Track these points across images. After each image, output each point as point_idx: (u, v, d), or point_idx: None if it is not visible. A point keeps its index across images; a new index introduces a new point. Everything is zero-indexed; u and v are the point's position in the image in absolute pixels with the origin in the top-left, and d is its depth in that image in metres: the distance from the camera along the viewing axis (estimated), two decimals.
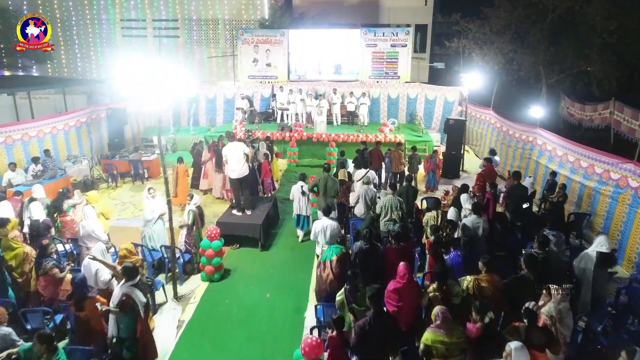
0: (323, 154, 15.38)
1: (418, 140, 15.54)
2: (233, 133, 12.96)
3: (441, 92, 18.41)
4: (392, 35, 18.50)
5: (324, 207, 7.01)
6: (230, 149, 8.30)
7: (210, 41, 21.37)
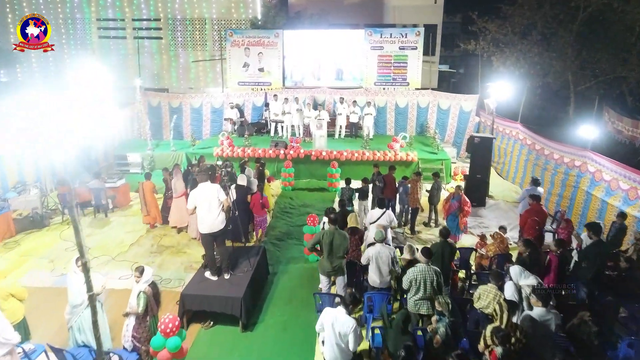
0: (323, 173, 13.25)
1: (433, 159, 13.41)
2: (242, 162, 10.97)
3: (456, 100, 16.29)
4: (400, 37, 16.38)
5: (346, 298, 4.60)
6: (200, 194, 6.14)
7: (197, 43, 19.22)
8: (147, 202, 9.81)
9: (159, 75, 19.73)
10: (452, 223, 8.86)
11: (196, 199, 6.15)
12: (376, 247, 5.91)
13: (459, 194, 8.95)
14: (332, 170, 12.39)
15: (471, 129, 16.08)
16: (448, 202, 9.08)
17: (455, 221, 8.86)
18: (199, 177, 6.29)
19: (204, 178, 6.24)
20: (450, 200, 9.03)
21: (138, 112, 16.37)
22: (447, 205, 9.10)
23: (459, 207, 8.81)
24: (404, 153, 13.29)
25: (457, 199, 8.89)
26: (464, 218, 8.85)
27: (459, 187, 9.08)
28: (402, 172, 13.27)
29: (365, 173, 13.47)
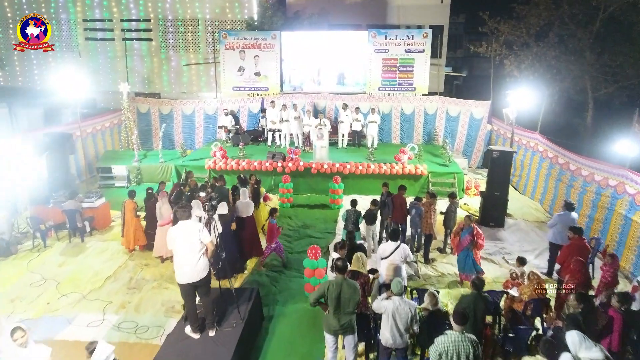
0: (324, 188, 12.17)
1: (444, 172, 12.31)
2: (244, 178, 9.85)
3: (466, 107, 15.21)
4: (406, 39, 15.28)
5: None
6: (178, 234, 5.02)
7: (189, 45, 18.10)
8: (126, 222, 8.72)
9: (149, 79, 18.60)
10: (464, 261, 7.48)
11: (174, 240, 5.04)
12: (394, 302, 4.80)
13: (470, 226, 7.46)
14: (334, 186, 11.29)
15: (482, 138, 15.02)
16: (458, 237, 7.59)
17: (468, 258, 7.48)
18: (179, 213, 5.17)
19: (184, 215, 5.12)
20: (461, 234, 7.53)
21: (126, 120, 15.23)
22: (457, 240, 7.60)
23: (472, 241, 7.41)
24: (413, 166, 12.20)
25: (469, 232, 7.43)
26: (478, 253, 7.52)
27: (470, 218, 7.59)
28: (410, 187, 12.18)
29: (370, 187, 12.46)
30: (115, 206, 11.21)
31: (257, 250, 8.63)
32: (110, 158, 13.82)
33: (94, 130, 14.21)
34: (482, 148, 15.11)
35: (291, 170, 12.25)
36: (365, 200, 12.17)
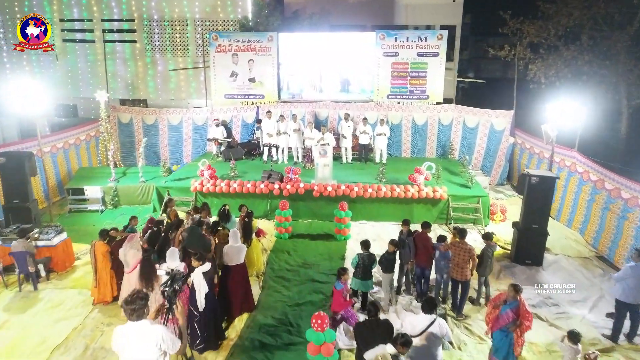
0: (328, 213, 10.56)
1: (466, 196, 10.67)
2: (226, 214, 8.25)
3: (485, 116, 13.58)
4: (418, 41, 13.64)
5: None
6: (126, 340, 3.37)
7: (177, 48, 16.42)
8: (97, 269, 7.05)
9: (133, 85, 16.91)
10: (500, 342, 5.45)
11: (121, 346, 3.38)
12: None
13: (515, 298, 5.34)
14: (340, 214, 9.62)
15: (504, 152, 13.40)
16: (496, 311, 5.47)
17: (506, 340, 5.39)
18: (126, 310, 3.48)
19: (138, 313, 3.45)
20: (501, 308, 5.41)
21: (104, 132, 13.56)
22: (495, 314, 5.49)
23: (515, 320, 5.35)
24: (430, 188, 10.55)
25: (513, 307, 5.35)
26: (521, 337, 5.42)
27: (516, 289, 5.35)
28: (427, 212, 10.64)
29: (382, 213, 10.80)
30: (84, 237, 9.60)
31: (248, 304, 6.99)
32: (83, 177, 12.13)
33: (66, 145, 12.51)
34: (503, 163, 13.51)
35: (290, 193, 10.61)
36: (376, 228, 10.61)
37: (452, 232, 8.00)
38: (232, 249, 6.61)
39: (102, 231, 7.14)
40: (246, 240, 7.91)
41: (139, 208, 11.54)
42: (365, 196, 10.52)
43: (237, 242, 6.69)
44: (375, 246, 9.38)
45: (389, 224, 10.63)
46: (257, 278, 8.10)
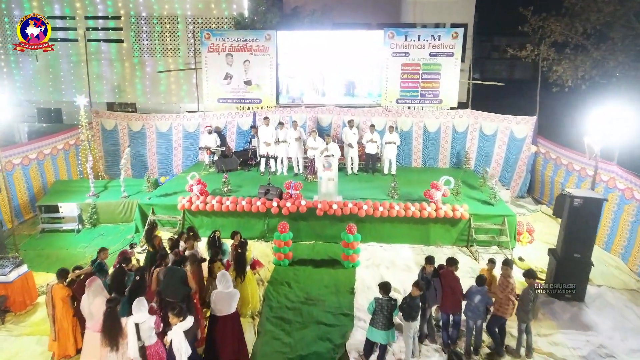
0: (333, 233, 9.38)
1: (490, 215, 9.42)
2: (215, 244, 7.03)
3: (504, 123, 12.36)
4: (431, 40, 12.41)
5: None
6: None
7: (167, 47, 15.15)
8: (56, 319, 5.78)
9: (120, 87, 15.64)
10: None
11: None
12: None
13: None
14: (348, 238, 8.37)
15: (525, 162, 12.16)
16: None
17: None
18: None
19: None
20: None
21: (86, 140, 12.30)
22: None
23: None
24: (449, 206, 9.31)
25: None
26: None
27: None
28: (445, 233, 9.40)
29: (394, 234, 9.54)
30: (54, 264, 8.33)
31: (241, 358, 5.73)
32: (58, 192, 10.84)
33: (40, 156, 11.24)
34: (524, 174, 12.27)
35: (290, 212, 9.37)
36: (388, 251, 9.35)
37: (487, 266, 6.75)
38: (221, 297, 5.35)
39: (61, 271, 5.85)
40: (239, 275, 6.68)
41: (121, 227, 10.29)
42: (376, 215, 9.28)
43: (228, 287, 5.42)
44: (389, 275, 8.21)
45: (402, 247, 9.41)
46: (252, 319, 6.85)
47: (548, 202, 11.69)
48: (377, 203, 9.36)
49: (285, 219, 9.36)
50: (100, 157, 13.37)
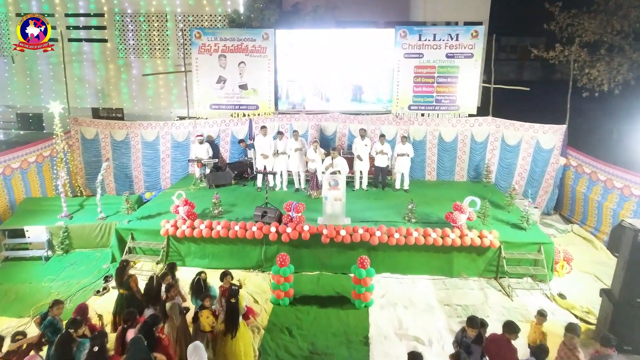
0: (341, 263, 8.13)
1: (523, 242, 8.10)
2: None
3: (530, 132, 11.09)
4: (448, 39, 11.12)
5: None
6: None
7: (155, 47, 13.84)
8: None
9: (104, 92, 14.33)
10: None
11: None
12: None
13: None
14: (360, 273, 7.05)
15: (552, 175, 10.89)
16: None
17: None
18: None
19: None
20: None
21: (61, 152, 10.98)
22: None
23: None
24: (476, 233, 8.00)
25: None
26: None
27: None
28: (471, 263, 8.12)
29: (411, 264, 8.19)
30: (14, 304, 7.14)
31: None
32: (26, 213, 9.51)
33: (7, 171, 9.90)
34: (551, 189, 11.00)
35: (291, 239, 8.06)
36: (404, 284, 8.04)
37: (534, 321, 5.45)
38: None
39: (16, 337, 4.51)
40: (230, 331, 5.36)
41: (97, 254, 8.98)
42: (391, 243, 7.97)
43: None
44: (409, 318, 6.93)
45: (421, 279, 8.12)
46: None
47: (580, 221, 10.40)
48: (392, 228, 8.05)
49: (285, 247, 8.11)
50: (80, 169, 12.08)
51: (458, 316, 6.99)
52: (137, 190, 12.26)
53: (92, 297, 7.42)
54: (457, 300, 7.46)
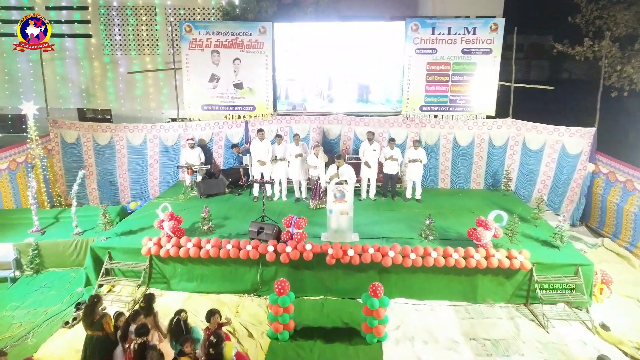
0: (348, 287, 7.16)
1: (558, 264, 7.05)
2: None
3: (554, 135, 10.08)
4: (464, 33, 10.10)
5: None
6: None
7: (144, 44, 12.79)
8: None
9: (88, 91, 13.27)
10: None
11: None
12: None
13: None
14: (373, 303, 5.99)
15: (579, 183, 9.88)
16: None
17: None
18: None
19: None
20: None
21: (37, 158, 9.98)
22: None
23: None
24: (504, 253, 6.96)
25: None
26: None
27: None
28: (498, 288, 7.09)
29: (429, 287, 7.08)
30: None
31: None
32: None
33: None
34: (577, 198, 9.98)
35: (291, 259, 7.02)
36: (422, 311, 6.99)
37: None
38: None
39: None
40: None
41: (72, 274, 7.92)
42: (406, 264, 6.93)
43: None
44: (427, 354, 5.89)
45: (440, 305, 7.08)
46: None
47: (612, 235, 9.38)
48: (408, 248, 7.00)
49: (284, 268, 7.10)
50: (60, 176, 11.05)
51: (488, 354, 5.95)
52: (123, 199, 11.24)
53: (59, 330, 6.37)
54: (485, 333, 6.41)
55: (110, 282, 7.29)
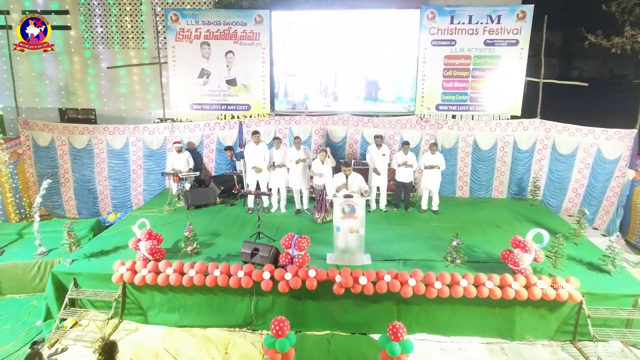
0: (359, 321, 5.99)
1: (610, 294, 5.87)
2: None
3: (589, 138, 8.91)
4: (487, 22, 8.92)
5: None
6: None
7: (128, 36, 11.58)
8: None
9: (67, 89, 12.05)
10: None
11: None
12: None
13: None
14: (393, 350, 4.80)
15: (617, 191, 8.73)
16: None
17: None
18: None
19: None
20: None
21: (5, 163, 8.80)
22: None
23: None
24: (547, 281, 5.78)
25: None
26: None
27: None
28: (540, 322, 5.91)
29: (456, 321, 5.70)
30: None
31: None
32: None
33: None
34: (614, 208, 8.81)
35: (291, 288, 5.84)
36: (448, 351, 5.81)
37: None
38: None
39: None
40: None
41: (34, 302, 6.74)
42: (430, 295, 5.75)
43: None
44: None
45: (471, 343, 5.91)
46: None
47: None
48: (432, 275, 5.82)
49: (283, 298, 5.95)
50: (32, 183, 9.88)
51: None
52: (104, 209, 10.07)
53: None
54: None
55: (75, 315, 6.09)
